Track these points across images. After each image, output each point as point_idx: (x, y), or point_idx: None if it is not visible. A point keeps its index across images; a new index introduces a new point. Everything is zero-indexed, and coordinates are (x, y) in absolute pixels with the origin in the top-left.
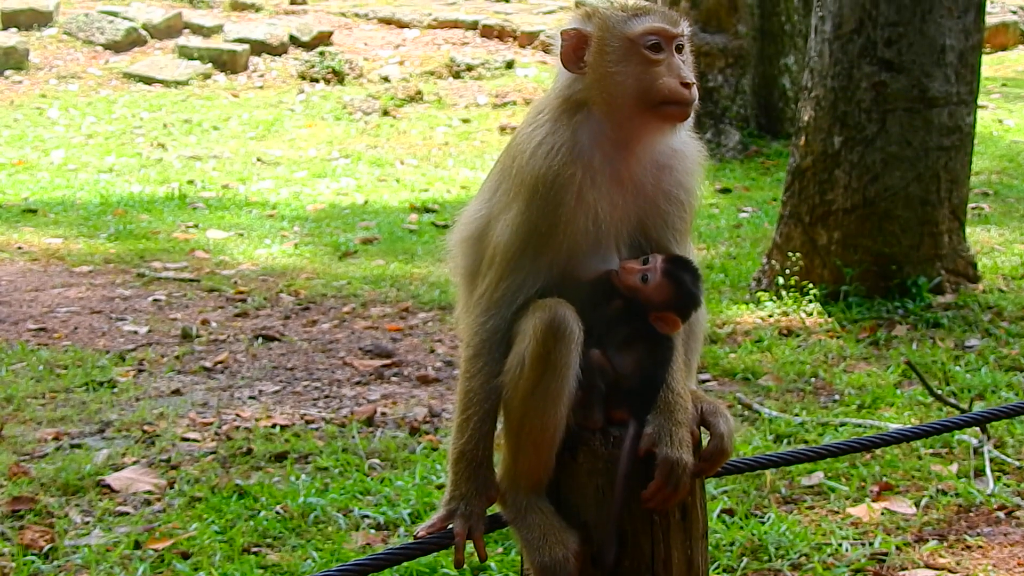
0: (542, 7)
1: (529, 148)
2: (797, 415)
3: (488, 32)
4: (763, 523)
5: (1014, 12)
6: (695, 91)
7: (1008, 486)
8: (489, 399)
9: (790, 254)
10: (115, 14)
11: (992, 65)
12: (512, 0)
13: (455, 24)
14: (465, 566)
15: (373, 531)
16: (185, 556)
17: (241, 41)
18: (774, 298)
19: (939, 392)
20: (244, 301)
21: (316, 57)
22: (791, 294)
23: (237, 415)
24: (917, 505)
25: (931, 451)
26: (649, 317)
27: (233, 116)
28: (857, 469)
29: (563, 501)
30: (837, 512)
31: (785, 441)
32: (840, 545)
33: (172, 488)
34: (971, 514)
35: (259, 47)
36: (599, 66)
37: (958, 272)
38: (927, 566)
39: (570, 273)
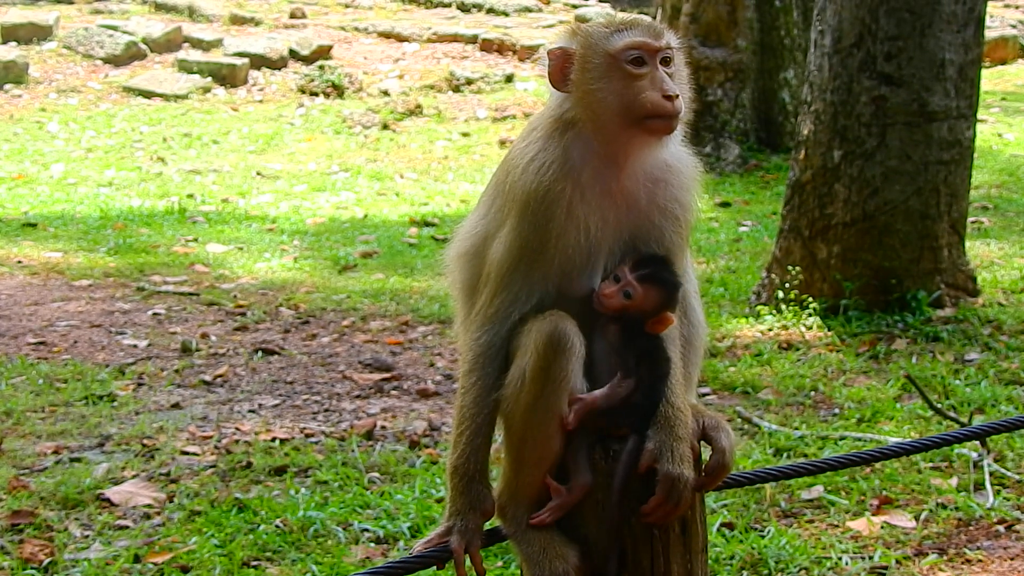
0: (542, 21)
1: (521, 164)
2: (797, 429)
3: (488, 46)
4: (763, 537)
5: (1014, 26)
6: (679, 103)
7: (1008, 500)
8: (482, 414)
9: (790, 268)
10: (115, 28)
11: (992, 79)
12: (511, 14)
13: (455, 38)
14: None
15: (373, 545)
16: (185, 570)
17: (241, 55)
18: (774, 312)
19: (939, 406)
20: (244, 315)
21: (316, 71)
22: (791, 308)
23: (237, 429)
24: (917, 519)
25: (931, 465)
26: (645, 326)
27: (233, 130)
28: (857, 483)
29: (563, 515)
30: (837, 526)
31: (785, 455)
32: (840, 559)
33: (172, 502)
34: (971, 528)
35: (259, 61)
36: (583, 83)
37: (958, 286)
38: None
39: (564, 290)
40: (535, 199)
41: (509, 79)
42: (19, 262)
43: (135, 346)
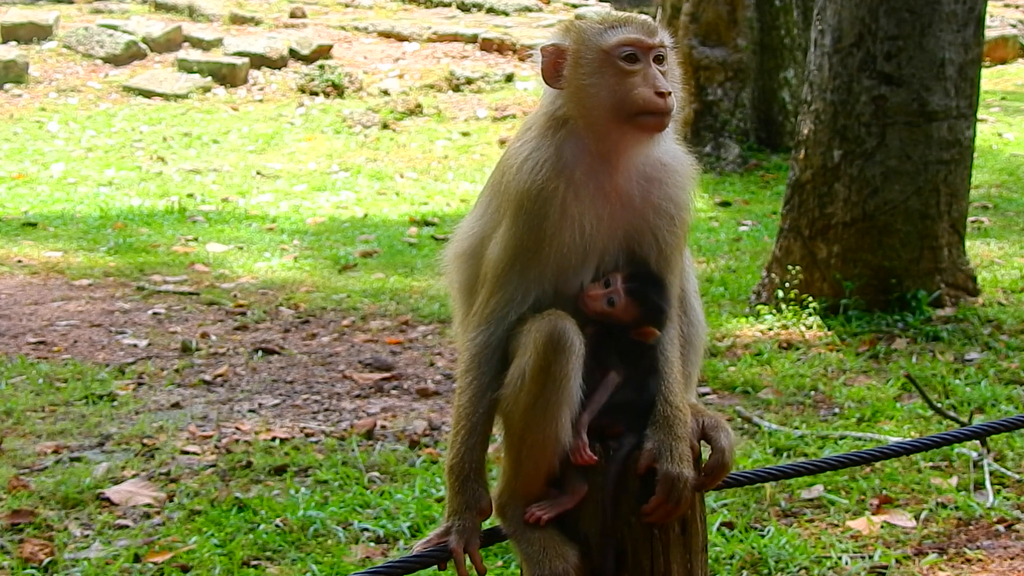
0: (542, 20)
1: (516, 164)
2: (797, 428)
3: (488, 45)
4: (763, 536)
5: (1013, 26)
6: (672, 101)
7: (1008, 499)
8: (477, 413)
9: (790, 267)
10: (115, 28)
11: (992, 79)
12: (512, 13)
13: (455, 37)
14: None
15: (372, 544)
16: (185, 569)
17: (241, 54)
18: (774, 311)
19: (939, 405)
20: (244, 314)
21: (316, 70)
22: (791, 307)
23: (237, 428)
24: (917, 518)
25: (931, 464)
26: (631, 334)
27: (233, 129)
28: (857, 482)
29: (563, 515)
30: (837, 525)
31: (785, 454)
32: (840, 558)
33: (172, 501)
34: (971, 527)
35: (259, 60)
36: (575, 79)
37: (958, 285)
38: None
39: (561, 289)
40: (529, 198)
41: (509, 79)
42: (19, 262)
43: (135, 346)
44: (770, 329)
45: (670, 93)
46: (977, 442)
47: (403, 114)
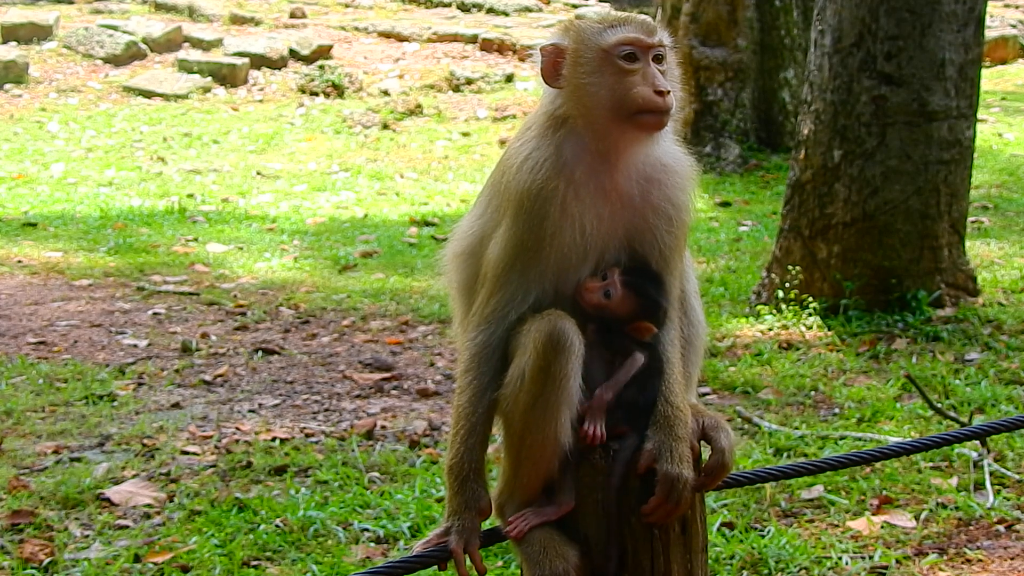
0: (542, 21)
1: (516, 163)
2: (797, 428)
3: (488, 46)
4: (763, 536)
5: (1014, 26)
6: (671, 99)
7: (1008, 500)
8: (476, 413)
9: (790, 268)
10: (115, 28)
11: (992, 79)
12: (511, 14)
13: (455, 38)
14: None
15: (373, 544)
16: (185, 570)
17: (241, 55)
18: (774, 311)
19: (939, 406)
20: (244, 315)
21: (316, 71)
22: (791, 307)
23: (237, 428)
24: (917, 518)
25: (931, 464)
26: (625, 330)
27: (233, 130)
28: (857, 482)
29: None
30: (837, 525)
31: (785, 454)
32: (840, 559)
33: (172, 501)
34: (971, 528)
35: (259, 61)
36: (575, 78)
37: (958, 286)
38: None
39: (561, 289)
40: (529, 198)
41: (509, 79)
42: (19, 262)
43: (135, 346)
44: (770, 329)
45: (669, 92)
46: (977, 442)
47: (403, 114)
